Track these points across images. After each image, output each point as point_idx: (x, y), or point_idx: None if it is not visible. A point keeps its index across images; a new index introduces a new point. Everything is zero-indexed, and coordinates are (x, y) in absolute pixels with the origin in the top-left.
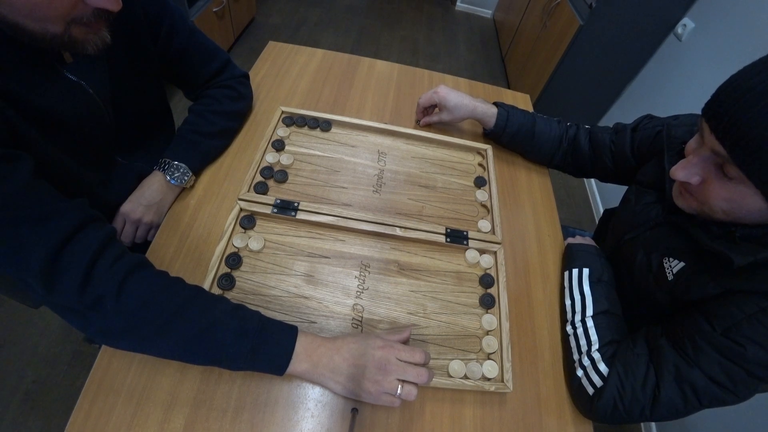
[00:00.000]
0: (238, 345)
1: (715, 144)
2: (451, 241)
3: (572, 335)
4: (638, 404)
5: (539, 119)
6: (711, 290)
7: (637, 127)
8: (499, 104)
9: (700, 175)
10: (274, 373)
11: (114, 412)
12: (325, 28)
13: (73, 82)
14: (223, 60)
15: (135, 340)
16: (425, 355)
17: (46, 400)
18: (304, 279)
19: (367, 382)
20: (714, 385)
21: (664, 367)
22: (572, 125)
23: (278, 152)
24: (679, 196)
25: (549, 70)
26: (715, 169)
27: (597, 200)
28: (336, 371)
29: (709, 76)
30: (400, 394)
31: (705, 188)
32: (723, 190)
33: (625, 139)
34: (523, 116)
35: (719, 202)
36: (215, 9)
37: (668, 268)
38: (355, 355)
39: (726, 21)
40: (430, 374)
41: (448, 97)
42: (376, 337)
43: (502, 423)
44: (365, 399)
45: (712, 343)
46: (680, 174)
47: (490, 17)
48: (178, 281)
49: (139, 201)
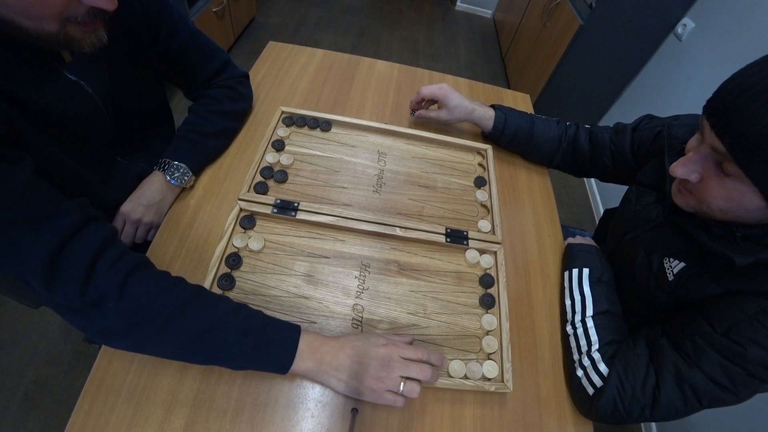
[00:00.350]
0: (241, 344)
1: (714, 141)
2: (451, 241)
3: (572, 335)
4: (638, 404)
5: (538, 120)
6: (712, 291)
7: (638, 127)
8: (496, 107)
9: (699, 172)
10: (278, 371)
11: (114, 412)
12: (325, 28)
13: (72, 82)
14: (223, 60)
15: (136, 339)
16: (429, 353)
17: (46, 400)
18: (304, 279)
19: (369, 379)
20: (714, 386)
21: (665, 367)
22: (572, 125)
23: (278, 152)
24: (678, 194)
25: (549, 70)
26: (715, 166)
27: (597, 200)
28: (339, 369)
29: (709, 76)
30: (402, 390)
31: (704, 186)
32: (721, 188)
33: (626, 138)
34: (521, 118)
35: (717, 201)
36: (215, 9)
37: (669, 268)
38: (358, 352)
39: (726, 21)
40: (435, 372)
41: (450, 96)
42: (379, 336)
43: (502, 423)
44: (368, 397)
45: (712, 343)
46: (679, 171)
47: (490, 17)
48: (179, 281)
49: (139, 201)
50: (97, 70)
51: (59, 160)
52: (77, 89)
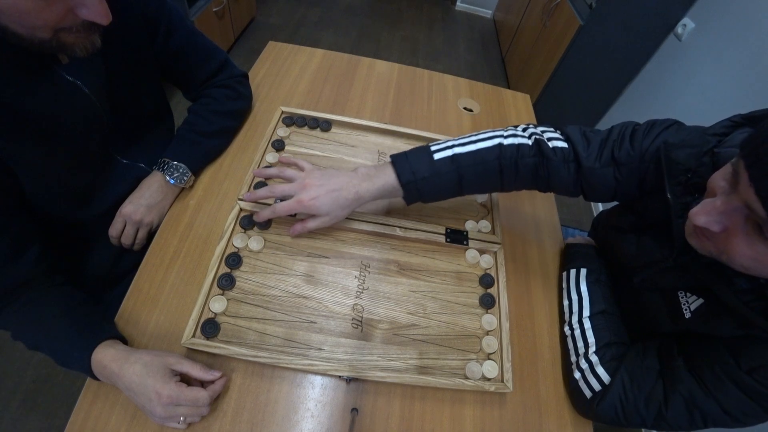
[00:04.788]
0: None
1: (752, 199)
2: (451, 241)
3: (570, 336)
4: (639, 416)
5: (467, 152)
6: (736, 332)
7: (621, 162)
8: (393, 158)
9: (724, 223)
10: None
11: (114, 412)
12: (325, 28)
13: (69, 82)
14: (221, 59)
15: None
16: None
17: (46, 400)
18: (304, 279)
19: (154, 409)
20: (726, 416)
21: (678, 389)
22: (533, 139)
23: (278, 152)
24: (693, 235)
25: (549, 70)
26: (744, 221)
27: None
28: (127, 388)
29: (709, 76)
30: (183, 420)
31: (728, 239)
32: (750, 249)
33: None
34: (434, 158)
35: (743, 259)
36: (215, 9)
37: (685, 303)
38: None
39: (726, 21)
40: (208, 396)
41: (316, 204)
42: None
43: (502, 423)
44: (158, 418)
45: (734, 379)
46: (701, 220)
47: (490, 17)
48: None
49: (140, 202)
50: (94, 70)
51: (56, 161)
52: (74, 90)
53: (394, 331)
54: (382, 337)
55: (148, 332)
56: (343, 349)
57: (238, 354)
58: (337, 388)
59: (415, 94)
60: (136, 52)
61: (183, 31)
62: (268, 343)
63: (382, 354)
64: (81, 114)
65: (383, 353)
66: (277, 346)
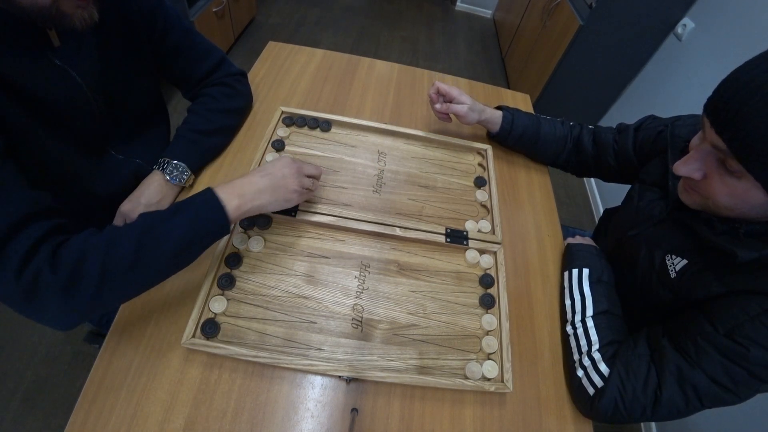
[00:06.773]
0: (181, 226)
1: (715, 138)
2: (451, 241)
3: (572, 335)
4: (639, 404)
5: (543, 120)
6: (714, 289)
7: (641, 126)
8: (503, 108)
9: (702, 170)
10: (222, 224)
11: (114, 412)
12: (325, 28)
13: (59, 67)
14: (218, 57)
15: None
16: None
17: (46, 400)
18: (304, 279)
19: (287, 180)
20: (716, 386)
21: (666, 368)
22: (576, 125)
23: (278, 152)
24: (684, 192)
25: (549, 70)
26: (717, 164)
27: (597, 200)
28: (261, 190)
29: (709, 76)
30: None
31: (708, 183)
32: (725, 186)
33: (628, 138)
34: (528, 118)
35: (722, 198)
36: (215, 9)
37: (671, 265)
38: (266, 172)
39: (726, 21)
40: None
41: (465, 96)
42: (274, 161)
43: (502, 423)
44: (295, 199)
45: (714, 344)
46: (682, 169)
47: (490, 17)
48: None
49: (139, 200)
50: (86, 58)
51: (46, 144)
52: (64, 75)
53: (394, 331)
54: (382, 337)
55: (147, 332)
56: (343, 349)
57: (238, 354)
58: (337, 388)
59: (415, 94)
60: (132, 46)
61: (180, 28)
62: (268, 343)
63: (382, 354)
64: (70, 100)
65: (383, 353)
66: (277, 347)
